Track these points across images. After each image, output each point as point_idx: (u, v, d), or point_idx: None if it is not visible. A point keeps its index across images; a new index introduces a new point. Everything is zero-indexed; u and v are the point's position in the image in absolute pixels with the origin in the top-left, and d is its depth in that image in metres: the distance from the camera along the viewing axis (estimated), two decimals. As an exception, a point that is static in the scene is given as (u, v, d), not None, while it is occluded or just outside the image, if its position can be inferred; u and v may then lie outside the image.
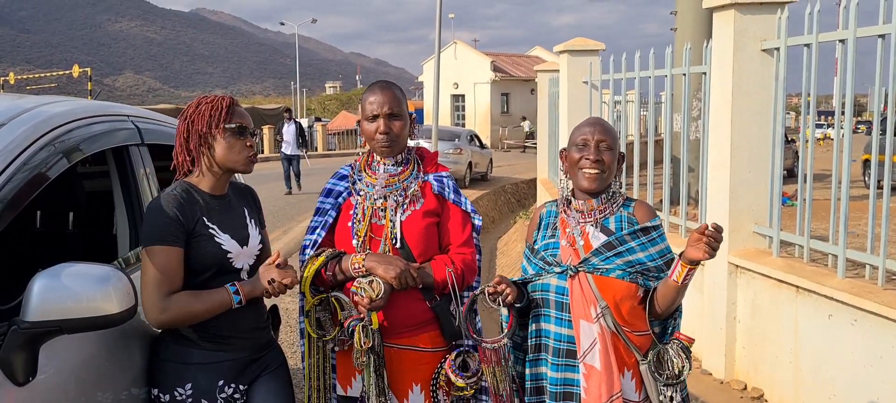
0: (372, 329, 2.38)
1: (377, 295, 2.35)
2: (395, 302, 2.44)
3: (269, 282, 2.26)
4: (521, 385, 2.54)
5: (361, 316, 2.40)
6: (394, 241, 2.50)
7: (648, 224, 2.40)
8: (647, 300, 2.37)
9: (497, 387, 2.42)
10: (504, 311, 2.43)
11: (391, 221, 2.51)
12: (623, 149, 6.97)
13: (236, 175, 2.57)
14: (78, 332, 1.84)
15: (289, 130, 16.03)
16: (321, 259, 2.49)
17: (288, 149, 15.95)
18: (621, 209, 2.44)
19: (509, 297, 2.35)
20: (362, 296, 2.36)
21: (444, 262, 2.52)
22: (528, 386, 2.49)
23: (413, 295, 2.48)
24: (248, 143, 2.37)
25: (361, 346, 2.37)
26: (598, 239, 2.39)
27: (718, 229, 2.18)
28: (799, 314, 4.43)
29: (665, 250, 2.40)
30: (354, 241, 2.51)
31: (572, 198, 2.49)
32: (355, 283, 2.40)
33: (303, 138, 16.41)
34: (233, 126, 2.32)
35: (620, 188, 2.51)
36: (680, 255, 2.26)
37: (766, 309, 4.76)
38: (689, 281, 2.27)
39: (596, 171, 2.40)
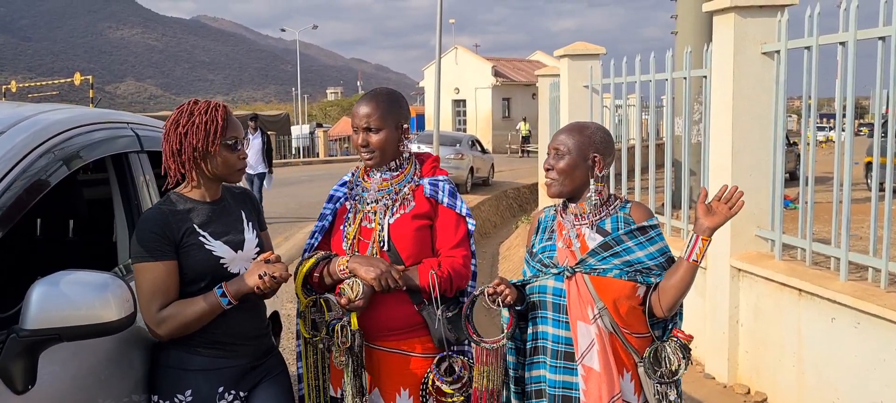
0: (350, 329, 2.39)
1: (356, 296, 2.36)
2: (381, 304, 2.45)
3: (259, 276, 2.22)
4: (524, 388, 2.54)
5: (340, 316, 2.41)
6: (381, 244, 2.51)
7: (645, 223, 2.39)
8: (648, 301, 2.36)
9: (487, 387, 2.42)
10: (505, 312, 2.43)
11: (380, 225, 2.53)
12: (623, 152, 6.99)
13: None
14: (77, 340, 1.84)
15: (253, 143, 12.19)
16: (311, 261, 2.52)
17: (249, 166, 11.80)
18: (618, 210, 2.43)
19: (508, 298, 2.35)
20: (338, 298, 2.37)
21: (431, 265, 2.51)
22: (530, 389, 2.49)
23: (401, 298, 2.49)
24: (240, 156, 2.35)
25: (339, 346, 2.38)
26: (594, 240, 2.39)
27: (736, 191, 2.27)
28: (801, 317, 4.42)
29: (665, 248, 2.40)
30: (344, 244, 2.55)
31: (569, 202, 2.49)
32: (342, 284, 2.42)
33: (269, 155, 12.65)
34: (230, 142, 2.30)
35: (595, 189, 2.46)
36: (695, 231, 2.28)
37: (768, 312, 4.75)
38: (701, 261, 2.28)
39: (549, 179, 2.44)
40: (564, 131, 2.47)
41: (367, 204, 2.56)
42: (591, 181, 2.42)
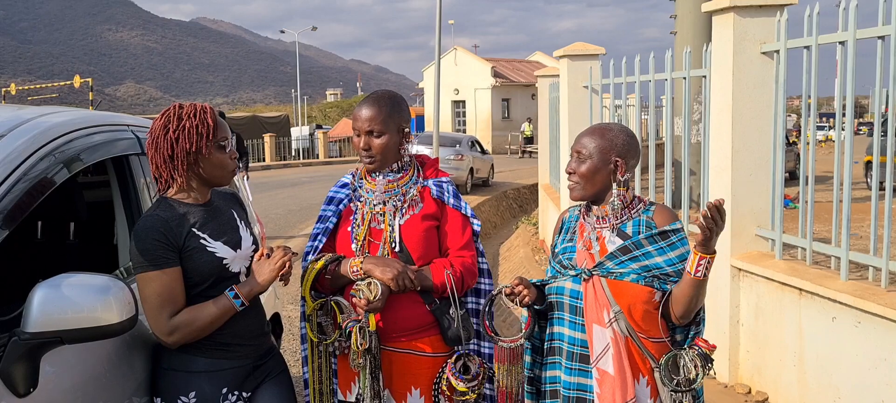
0: (368, 330, 2.40)
1: (374, 297, 2.36)
2: (394, 305, 2.45)
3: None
4: (539, 388, 2.54)
5: (359, 317, 2.41)
6: (393, 245, 2.52)
7: (667, 228, 2.36)
8: (664, 305, 2.34)
9: (509, 386, 2.41)
10: (524, 312, 2.44)
11: (390, 225, 2.53)
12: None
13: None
14: (78, 342, 1.84)
15: None
16: (321, 263, 2.51)
17: None
18: (641, 214, 2.40)
19: (526, 299, 2.35)
20: (360, 298, 2.37)
21: (444, 265, 2.53)
22: (546, 389, 2.50)
23: (413, 298, 2.49)
24: (232, 156, 2.35)
25: (358, 348, 2.38)
26: (613, 243, 2.37)
27: (718, 208, 2.12)
28: (802, 317, 4.42)
29: (686, 254, 2.34)
30: (354, 246, 2.54)
31: (592, 205, 2.48)
32: (355, 286, 2.41)
33: (244, 157, 10.92)
34: (222, 142, 2.30)
35: (617, 193, 2.42)
36: (695, 245, 2.24)
37: (769, 312, 4.75)
38: (707, 274, 2.23)
39: (571, 183, 2.43)
40: (587, 134, 2.44)
41: (375, 205, 2.56)
42: (614, 185, 2.40)
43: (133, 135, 2.74)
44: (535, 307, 2.45)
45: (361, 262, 2.44)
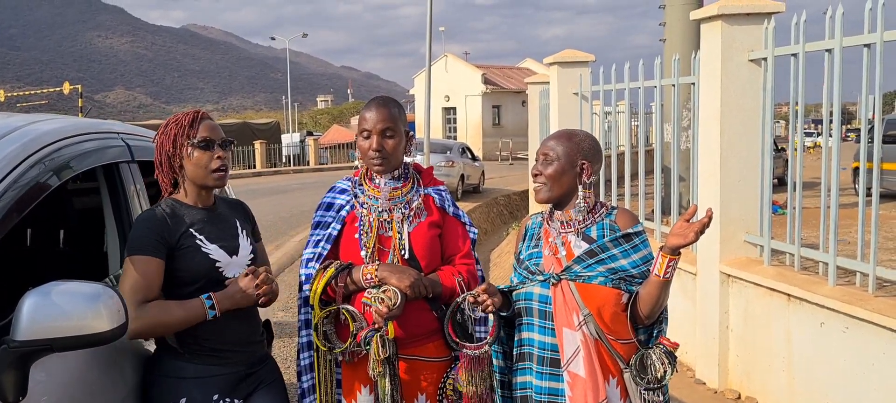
0: (387, 339, 2.41)
1: (394, 305, 2.37)
2: (403, 312, 2.46)
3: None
4: (511, 394, 2.55)
5: (378, 325, 2.42)
6: (403, 252, 2.52)
7: (630, 230, 2.40)
8: (630, 307, 2.38)
9: (472, 393, 2.43)
10: (491, 318, 2.46)
11: (399, 233, 2.54)
12: (613, 158, 7.02)
13: (227, 189, 2.58)
14: (69, 350, 1.83)
15: None
16: (331, 271, 2.50)
17: None
18: (604, 217, 2.45)
19: (490, 307, 2.36)
20: (378, 307, 2.38)
21: (452, 272, 2.56)
22: (516, 395, 2.51)
23: (420, 305, 2.51)
24: (216, 156, 2.35)
25: (379, 356, 2.39)
26: (580, 247, 2.40)
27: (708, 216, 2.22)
28: (791, 322, 4.45)
29: (648, 256, 2.40)
30: (363, 253, 2.53)
31: (556, 209, 2.51)
32: (367, 294, 2.42)
33: None
34: (196, 140, 2.32)
35: (583, 196, 2.46)
36: (661, 248, 2.28)
37: (758, 317, 4.77)
38: (672, 276, 2.27)
39: (537, 184, 2.47)
40: (553, 137, 2.50)
41: (381, 212, 2.56)
42: (579, 187, 2.45)
43: (123, 143, 2.74)
44: (502, 313, 2.46)
45: (376, 270, 2.45)
